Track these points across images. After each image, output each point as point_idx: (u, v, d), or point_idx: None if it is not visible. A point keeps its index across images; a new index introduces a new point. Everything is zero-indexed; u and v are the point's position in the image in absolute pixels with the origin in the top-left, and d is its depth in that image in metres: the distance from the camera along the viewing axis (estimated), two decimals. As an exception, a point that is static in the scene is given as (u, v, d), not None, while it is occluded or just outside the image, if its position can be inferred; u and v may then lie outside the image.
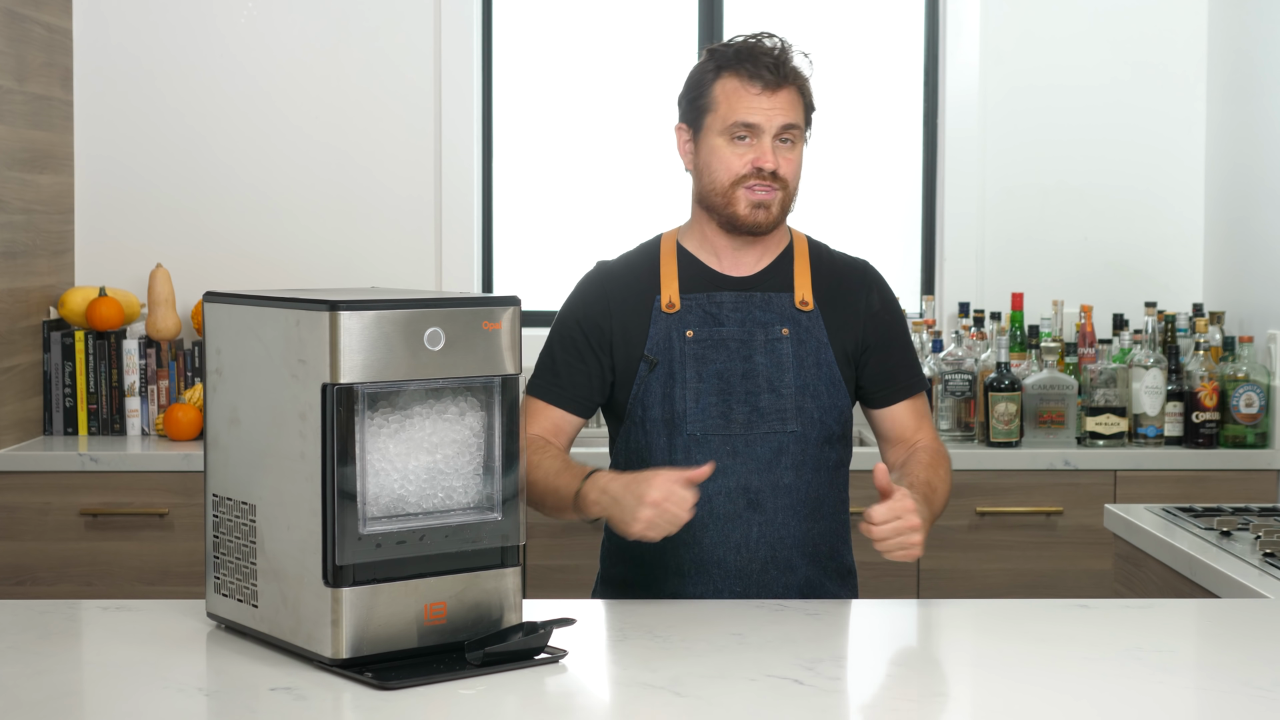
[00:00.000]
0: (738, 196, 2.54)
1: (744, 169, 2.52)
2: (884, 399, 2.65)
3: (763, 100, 2.52)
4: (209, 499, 2.24)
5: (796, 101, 2.55)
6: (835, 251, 2.69)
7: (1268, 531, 2.85)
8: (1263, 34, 4.29)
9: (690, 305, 2.59)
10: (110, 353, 4.33)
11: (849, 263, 2.68)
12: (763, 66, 2.53)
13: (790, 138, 2.54)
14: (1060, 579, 4.06)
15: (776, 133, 2.53)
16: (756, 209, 2.54)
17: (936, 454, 2.62)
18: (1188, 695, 2.06)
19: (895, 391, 2.65)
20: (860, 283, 2.65)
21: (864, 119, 4.76)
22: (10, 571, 3.98)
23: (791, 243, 2.66)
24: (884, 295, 2.67)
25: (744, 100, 2.52)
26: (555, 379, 2.61)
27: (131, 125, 4.53)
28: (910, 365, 2.67)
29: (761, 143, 2.52)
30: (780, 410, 2.56)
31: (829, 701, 1.98)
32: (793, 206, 2.59)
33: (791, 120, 2.53)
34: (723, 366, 2.56)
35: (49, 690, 1.99)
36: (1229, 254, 4.48)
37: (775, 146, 2.53)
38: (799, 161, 2.56)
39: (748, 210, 2.54)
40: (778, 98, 2.53)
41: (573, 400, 2.61)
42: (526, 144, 4.74)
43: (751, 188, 2.53)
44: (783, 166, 2.53)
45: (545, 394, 2.61)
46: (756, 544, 2.57)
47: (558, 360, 2.62)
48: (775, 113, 2.52)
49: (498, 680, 2.03)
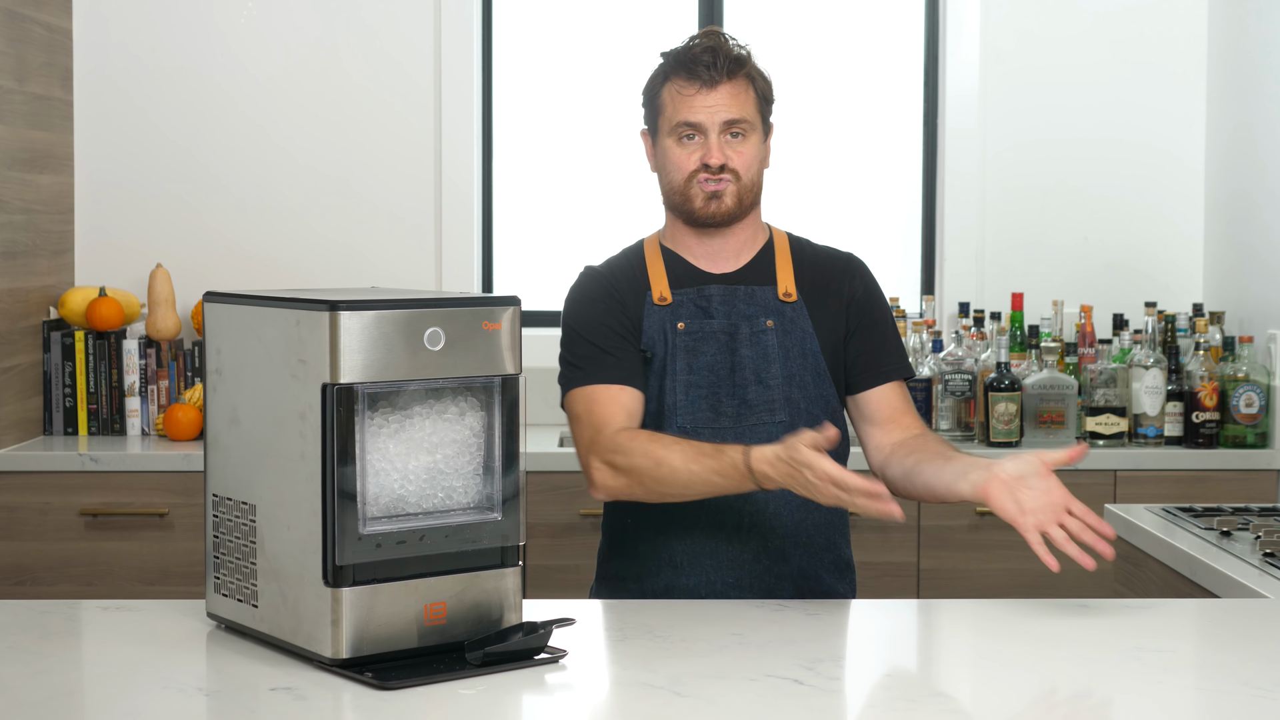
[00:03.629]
0: (693, 192, 2.58)
1: (693, 165, 2.57)
2: (866, 382, 2.62)
3: (702, 98, 2.56)
4: (209, 499, 2.24)
5: (741, 94, 2.57)
6: (819, 245, 2.71)
7: (1268, 531, 2.86)
8: (1263, 34, 4.29)
9: (681, 299, 2.61)
10: (110, 353, 4.33)
11: (832, 255, 2.69)
12: (700, 65, 2.57)
13: (740, 131, 2.57)
14: (1060, 579, 4.03)
15: (722, 128, 2.56)
16: (710, 200, 2.57)
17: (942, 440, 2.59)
18: (1188, 695, 2.06)
19: (878, 374, 2.62)
20: (843, 272, 2.66)
21: (864, 119, 4.76)
22: (10, 571, 3.98)
23: (771, 239, 2.67)
24: (866, 283, 2.67)
25: (686, 101, 2.57)
26: (604, 361, 2.55)
27: (131, 125, 4.53)
28: (894, 351, 2.65)
29: (708, 140, 2.56)
30: (769, 401, 2.57)
31: (829, 701, 1.98)
32: (753, 197, 2.60)
33: (735, 115, 2.56)
34: (712, 359, 2.58)
35: (49, 690, 1.99)
36: (1229, 254, 4.48)
37: (725, 142, 2.56)
38: (753, 154, 2.58)
39: (702, 203, 2.57)
40: (717, 94, 2.56)
41: (631, 375, 2.56)
42: (526, 144, 4.74)
43: (703, 181, 2.57)
44: (732, 160, 2.56)
45: (602, 376, 2.55)
46: (748, 535, 2.57)
47: (599, 345, 2.57)
48: (717, 109, 2.56)
49: (498, 680, 2.03)
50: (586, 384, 2.56)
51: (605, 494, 2.51)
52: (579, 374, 2.57)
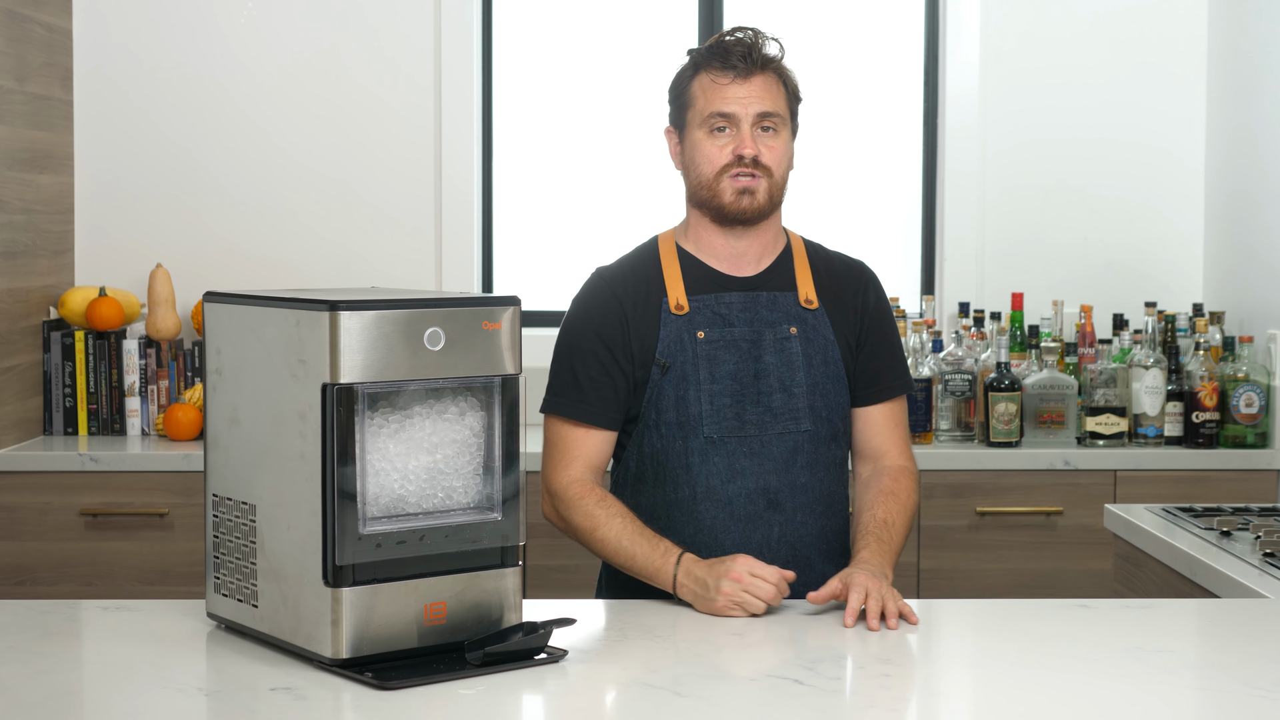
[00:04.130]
0: (723, 187, 2.56)
1: (726, 159, 2.55)
2: (867, 397, 2.65)
3: (736, 89, 2.55)
4: (209, 499, 2.24)
5: (774, 88, 2.57)
6: (831, 251, 2.71)
7: (1268, 531, 2.85)
8: (1263, 34, 4.29)
9: (698, 306, 2.59)
10: (110, 353, 4.33)
11: (846, 262, 2.70)
12: (734, 56, 2.56)
13: (771, 125, 2.56)
14: (1060, 579, 4.06)
15: (755, 120, 2.55)
16: (741, 195, 2.55)
17: (897, 477, 2.62)
18: (1188, 695, 2.06)
19: (879, 391, 2.65)
20: (857, 281, 2.67)
21: (864, 119, 4.76)
22: (10, 571, 3.98)
23: (789, 244, 2.67)
24: (879, 295, 2.69)
25: (719, 91, 2.55)
26: (581, 396, 2.57)
27: (131, 125, 4.53)
28: (897, 367, 2.68)
29: (740, 131, 2.54)
30: (793, 410, 2.57)
31: (829, 701, 1.98)
32: (782, 196, 2.60)
33: (768, 107, 2.55)
34: (734, 367, 2.57)
35: (49, 690, 1.99)
36: (1229, 254, 4.48)
37: (756, 135, 2.55)
38: (784, 150, 2.57)
39: (733, 198, 2.55)
40: (751, 85, 2.55)
41: (603, 415, 2.57)
42: (526, 144, 4.73)
43: (735, 176, 2.55)
44: (765, 154, 2.55)
45: (574, 412, 2.57)
46: (778, 544, 2.57)
47: (580, 376, 2.57)
48: (750, 100, 2.54)
49: (498, 680, 2.03)
50: (558, 415, 2.58)
51: (549, 521, 2.59)
52: (554, 401, 2.59)
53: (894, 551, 2.52)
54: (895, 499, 2.58)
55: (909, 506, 2.60)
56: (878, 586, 2.33)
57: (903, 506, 2.58)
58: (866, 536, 2.52)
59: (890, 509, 2.56)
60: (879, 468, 2.65)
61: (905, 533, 2.58)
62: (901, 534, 2.56)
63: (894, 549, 2.52)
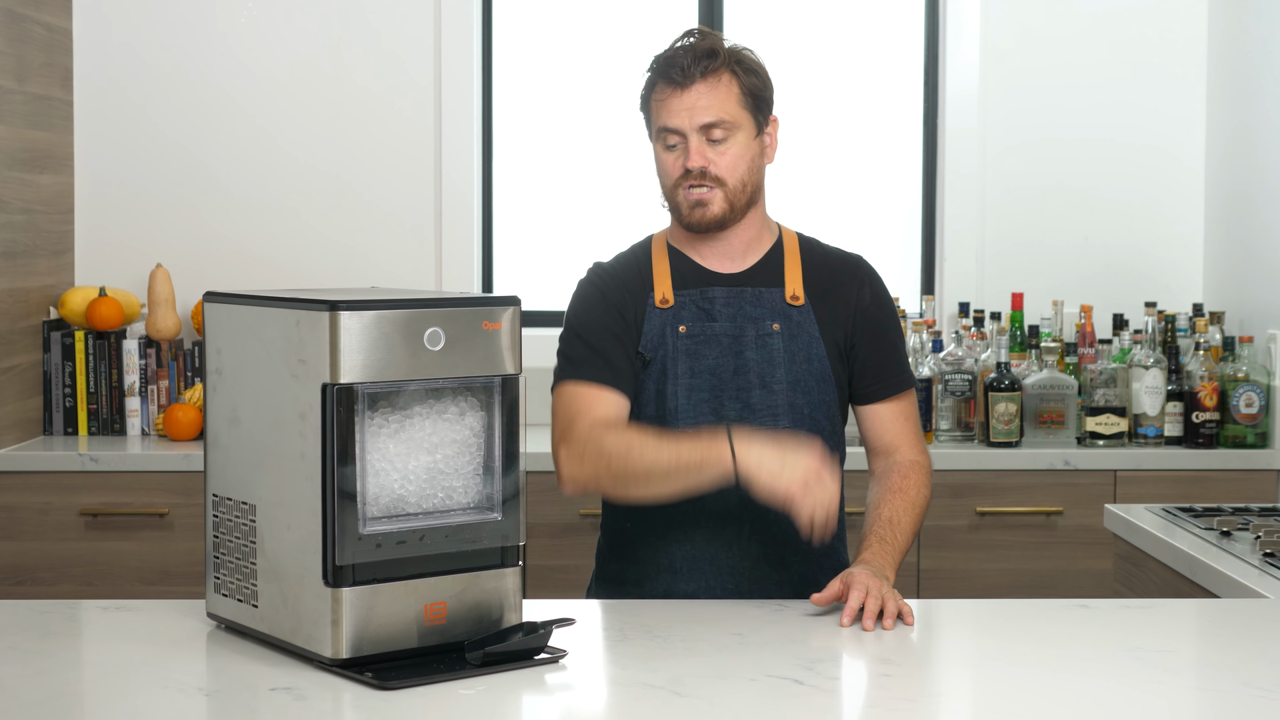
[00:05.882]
0: (679, 199, 2.54)
1: (678, 172, 2.53)
2: (871, 395, 2.63)
3: (675, 101, 2.51)
4: (209, 499, 2.24)
5: (720, 92, 2.50)
6: (828, 246, 2.69)
7: (1268, 531, 2.86)
8: (1263, 34, 4.29)
9: (683, 301, 2.58)
10: (110, 353, 4.33)
11: (841, 257, 2.67)
12: (674, 67, 2.51)
13: (720, 135, 2.50)
14: (1060, 579, 4.06)
15: (700, 131, 2.50)
16: (695, 208, 2.53)
17: (905, 473, 2.60)
18: (1188, 695, 2.06)
19: (883, 387, 2.63)
20: (852, 276, 2.64)
21: (864, 119, 4.76)
22: (10, 571, 3.98)
23: (781, 239, 2.65)
24: (875, 290, 2.65)
25: (663, 105, 2.53)
26: (603, 360, 2.52)
27: (131, 125, 4.53)
28: (900, 363, 2.65)
29: (687, 144, 2.51)
30: (772, 406, 2.56)
31: (829, 701, 1.98)
32: (746, 200, 2.55)
33: (711, 117, 2.49)
34: (714, 363, 2.56)
35: (49, 690, 1.99)
36: (1229, 254, 4.48)
37: (705, 145, 2.50)
38: (736, 156, 2.51)
39: (688, 210, 2.54)
40: (690, 94, 2.49)
41: (625, 380, 2.53)
42: (526, 144, 4.73)
43: (689, 189, 2.52)
44: (714, 165, 2.51)
45: (597, 375, 2.52)
46: (749, 541, 2.57)
47: (596, 345, 2.53)
48: (694, 112, 2.49)
49: (498, 680, 2.03)
50: (574, 380, 2.53)
51: (572, 486, 2.47)
52: (569, 369, 2.55)
53: (897, 550, 2.50)
54: (903, 495, 2.57)
55: (917, 502, 2.58)
56: (877, 586, 2.33)
57: (910, 503, 2.56)
58: (870, 536, 2.51)
59: (896, 506, 2.55)
60: (889, 464, 2.63)
61: (912, 529, 2.55)
62: (907, 531, 2.54)
63: (897, 548, 2.51)
